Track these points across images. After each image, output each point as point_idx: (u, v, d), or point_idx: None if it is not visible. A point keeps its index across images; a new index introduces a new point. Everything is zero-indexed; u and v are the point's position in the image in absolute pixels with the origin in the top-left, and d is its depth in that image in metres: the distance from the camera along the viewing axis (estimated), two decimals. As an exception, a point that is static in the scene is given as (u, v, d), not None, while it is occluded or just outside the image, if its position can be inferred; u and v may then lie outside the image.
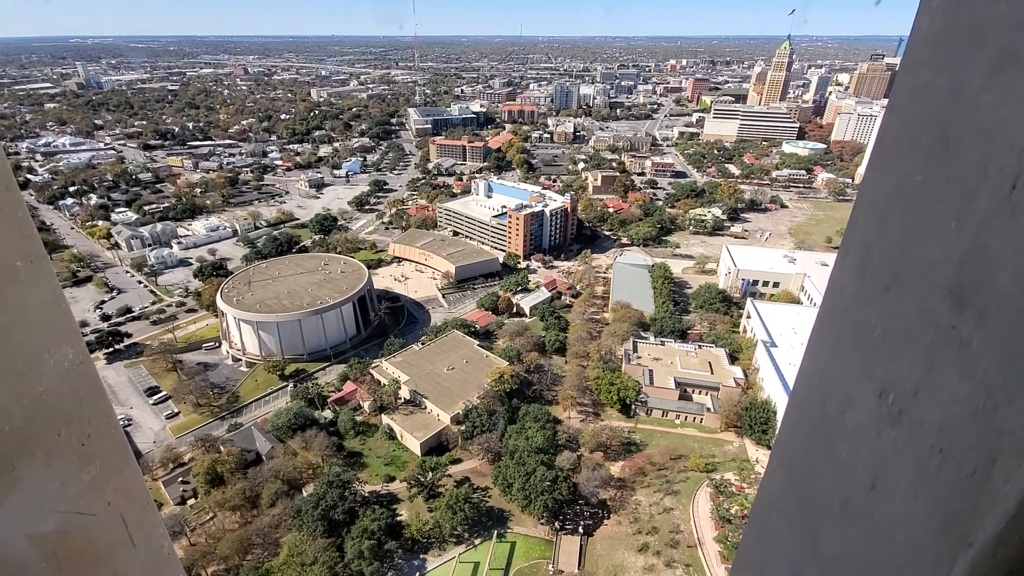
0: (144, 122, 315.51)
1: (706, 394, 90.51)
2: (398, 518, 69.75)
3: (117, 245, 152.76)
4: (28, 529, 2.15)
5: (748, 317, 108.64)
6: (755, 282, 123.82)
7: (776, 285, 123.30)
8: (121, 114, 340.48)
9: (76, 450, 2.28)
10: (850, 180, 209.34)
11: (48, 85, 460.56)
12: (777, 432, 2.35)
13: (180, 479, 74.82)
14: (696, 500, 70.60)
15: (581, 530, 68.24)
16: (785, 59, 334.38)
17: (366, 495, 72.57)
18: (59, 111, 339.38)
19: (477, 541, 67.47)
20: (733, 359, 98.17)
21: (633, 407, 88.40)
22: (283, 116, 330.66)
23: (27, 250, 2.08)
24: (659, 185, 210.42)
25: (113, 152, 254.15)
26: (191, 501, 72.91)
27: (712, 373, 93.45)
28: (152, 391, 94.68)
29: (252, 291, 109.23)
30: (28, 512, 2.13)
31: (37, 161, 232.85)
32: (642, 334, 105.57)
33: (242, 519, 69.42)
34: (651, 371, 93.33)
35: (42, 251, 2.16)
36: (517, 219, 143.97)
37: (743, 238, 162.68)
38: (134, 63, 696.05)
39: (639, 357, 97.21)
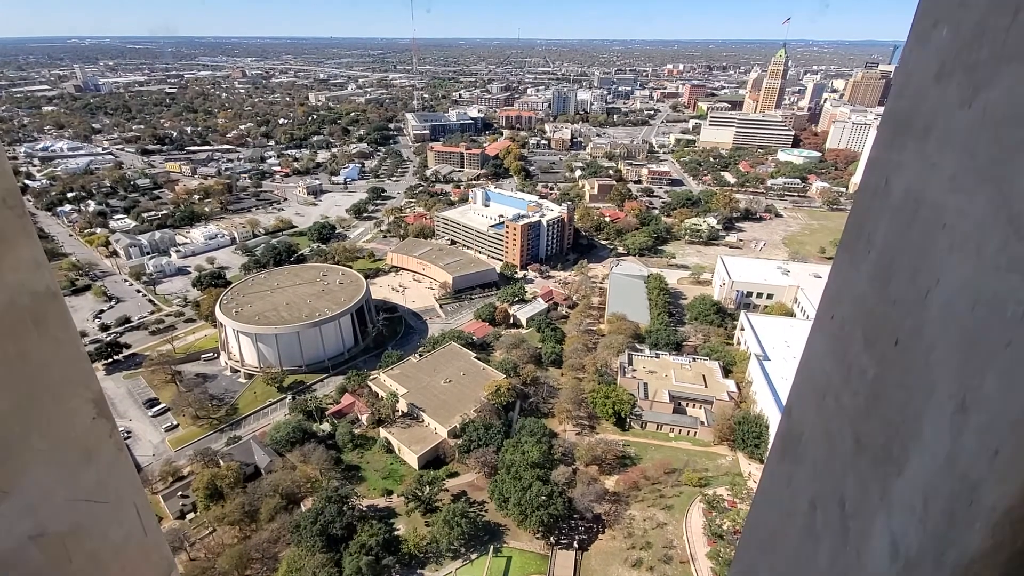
0: (142, 126, 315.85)
1: (700, 407, 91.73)
2: (395, 533, 70.70)
3: (115, 253, 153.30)
4: (34, 526, 2.20)
5: (742, 330, 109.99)
6: (749, 294, 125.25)
7: (770, 297, 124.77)
8: (119, 118, 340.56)
9: (76, 449, 2.35)
10: (844, 189, 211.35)
11: (46, 87, 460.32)
12: (773, 436, 2.46)
13: (179, 493, 75.59)
14: (689, 515, 71.75)
15: (576, 545, 69.29)
16: (780, 67, 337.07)
17: (364, 509, 73.42)
18: (57, 114, 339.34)
19: (474, 556, 68.40)
20: (727, 372, 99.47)
21: (628, 420, 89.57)
22: (281, 121, 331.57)
23: (29, 254, 2.12)
24: (655, 193, 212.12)
25: (111, 157, 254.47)
26: (190, 515, 73.68)
27: (706, 386, 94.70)
28: (151, 403, 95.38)
29: (251, 303, 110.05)
30: (32, 510, 2.18)
31: (35, 166, 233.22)
32: (637, 346, 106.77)
33: (241, 534, 70.18)
34: (646, 384, 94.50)
35: (42, 255, 2.21)
36: (514, 229, 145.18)
37: (738, 248, 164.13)
38: (131, 65, 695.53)
39: (634, 370, 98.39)
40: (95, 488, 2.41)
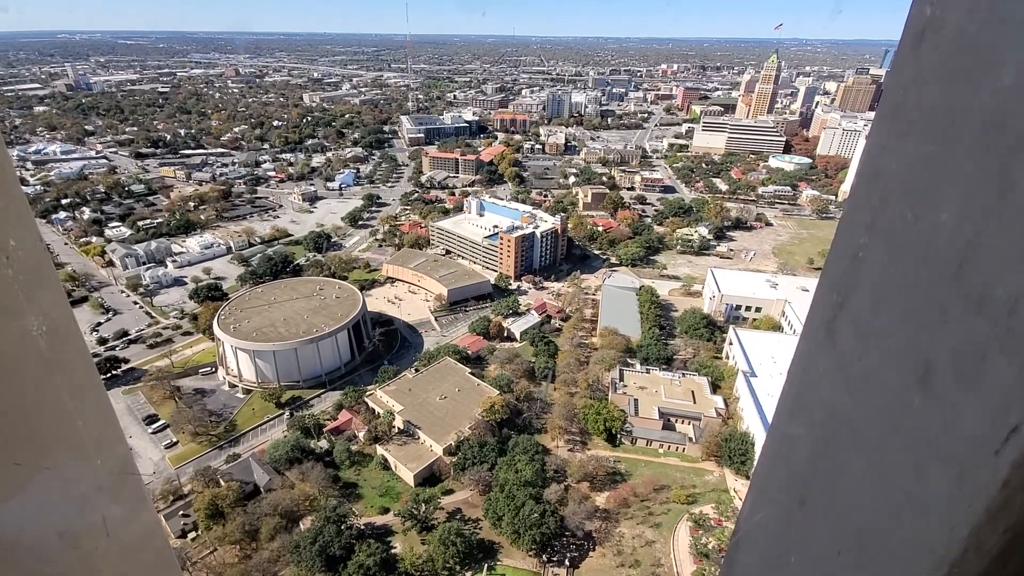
0: (135, 128, 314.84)
1: (688, 423, 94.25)
2: (392, 550, 72.86)
3: (111, 263, 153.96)
4: (58, 517, 2.33)
5: (730, 344, 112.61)
6: (738, 307, 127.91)
7: (758, 310, 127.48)
8: (112, 119, 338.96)
9: (84, 447, 2.45)
10: (834, 197, 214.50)
11: (37, 86, 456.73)
12: (767, 433, 2.58)
13: (181, 512, 77.35)
14: (676, 533, 74.31)
15: (567, 562, 71.70)
16: (773, 72, 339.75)
17: (362, 528, 75.56)
18: (49, 115, 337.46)
19: (468, 574, 70.68)
20: (715, 387, 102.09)
21: (619, 436, 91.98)
22: (275, 123, 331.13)
23: (34, 258, 2.18)
24: (648, 201, 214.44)
25: (105, 161, 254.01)
26: (192, 534, 75.47)
27: (695, 402, 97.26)
28: (150, 419, 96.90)
29: (248, 318, 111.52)
30: (55, 501, 2.31)
31: (28, 170, 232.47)
32: (628, 361, 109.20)
33: (242, 553, 72.13)
34: (636, 400, 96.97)
35: (48, 258, 2.30)
36: (508, 241, 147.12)
37: (728, 258, 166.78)
38: (123, 62, 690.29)
39: (625, 386, 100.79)
40: (109, 485, 2.62)
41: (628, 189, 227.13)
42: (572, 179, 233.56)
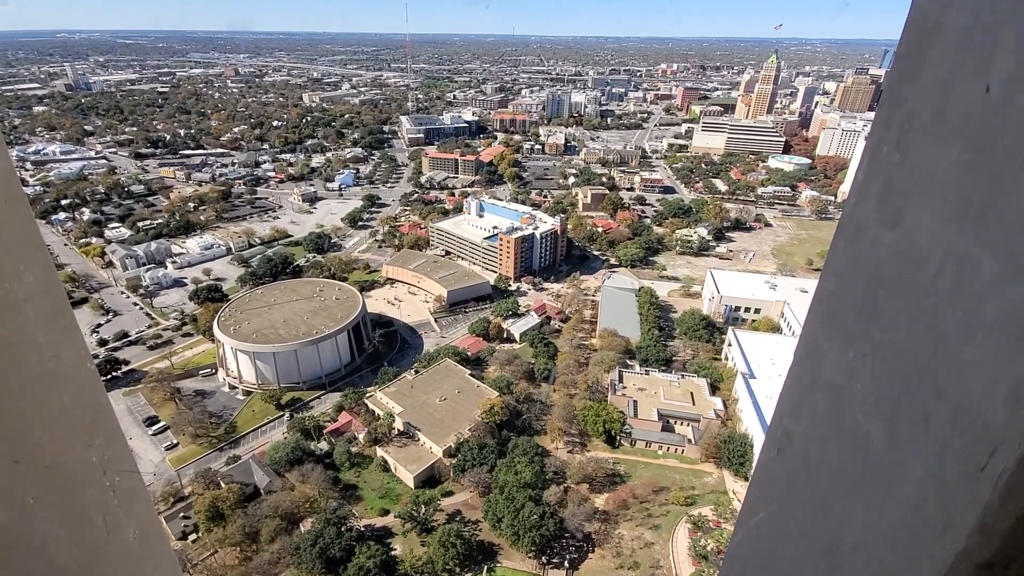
0: (135, 128, 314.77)
1: (687, 425, 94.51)
2: (392, 552, 73.13)
3: (111, 264, 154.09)
4: (51, 519, 2.33)
5: (729, 345, 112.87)
6: (737, 308, 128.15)
7: (757, 311, 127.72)
8: (111, 119, 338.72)
9: (84, 447, 2.48)
10: (833, 198, 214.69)
11: (36, 86, 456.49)
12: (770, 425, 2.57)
13: (181, 514, 77.58)
14: (675, 535, 74.59)
15: (567, 564, 71.97)
16: (772, 72, 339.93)
17: (362, 529, 75.83)
18: (48, 115, 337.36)
19: (468, 575, 70.96)
20: (714, 389, 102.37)
21: (618, 438, 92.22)
22: (275, 123, 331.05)
23: (34, 258, 2.19)
24: (647, 201, 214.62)
25: (104, 161, 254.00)
26: (192, 536, 75.69)
27: (694, 404, 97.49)
28: (151, 421, 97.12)
29: (248, 319, 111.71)
30: (54, 492, 2.32)
31: (28, 171, 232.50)
32: (628, 362, 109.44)
33: (242, 554, 72.37)
34: (635, 402, 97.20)
35: (48, 259, 2.30)
36: (508, 242, 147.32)
37: (727, 259, 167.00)
38: (122, 62, 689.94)
39: (624, 388, 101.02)
40: (110, 485, 2.63)
41: (628, 190, 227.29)
42: (572, 180, 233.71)
